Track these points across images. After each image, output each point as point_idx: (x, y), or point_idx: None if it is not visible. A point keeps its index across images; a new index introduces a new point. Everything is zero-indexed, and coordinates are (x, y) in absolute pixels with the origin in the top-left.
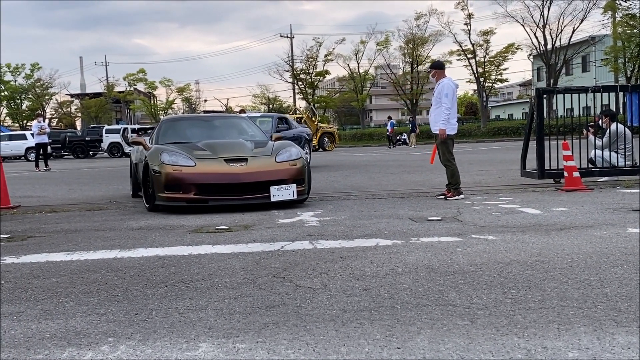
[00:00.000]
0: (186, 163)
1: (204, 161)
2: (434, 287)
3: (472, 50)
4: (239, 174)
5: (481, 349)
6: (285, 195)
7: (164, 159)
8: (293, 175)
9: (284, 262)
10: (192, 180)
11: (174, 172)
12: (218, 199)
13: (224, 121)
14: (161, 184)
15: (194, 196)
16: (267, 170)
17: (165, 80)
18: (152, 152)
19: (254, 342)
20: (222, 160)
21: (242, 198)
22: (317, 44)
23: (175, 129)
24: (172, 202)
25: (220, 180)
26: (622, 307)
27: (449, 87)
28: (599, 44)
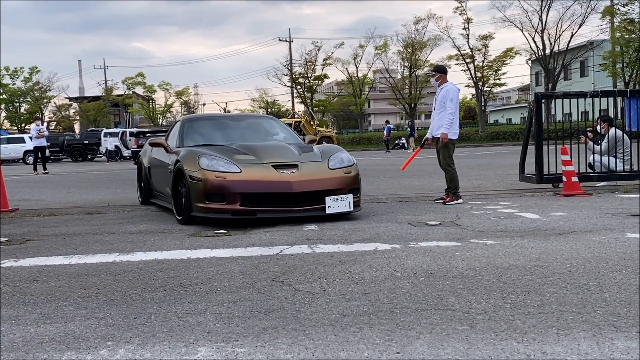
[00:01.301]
0: (230, 169)
1: (250, 167)
2: (433, 292)
3: (471, 55)
4: (290, 182)
5: (480, 354)
6: (341, 207)
7: (204, 164)
8: (349, 183)
9: (282, 266)
10: (237, 189)
11: (217, 179)
12: (267, 211)
13: (252, 121)
14: (201, 192)
15: (240, 207)
16: (321, 178)
17: (164, 84)
18: (187, 156)
19: (253, 347)
20: (269, 166)
21: (294, 210)
22: (315, 48)
23: (199, 130)
24: (214, 214)
25: (270, 189)
26: (621, 312)
27: (453, 91)
28: (598, 48)
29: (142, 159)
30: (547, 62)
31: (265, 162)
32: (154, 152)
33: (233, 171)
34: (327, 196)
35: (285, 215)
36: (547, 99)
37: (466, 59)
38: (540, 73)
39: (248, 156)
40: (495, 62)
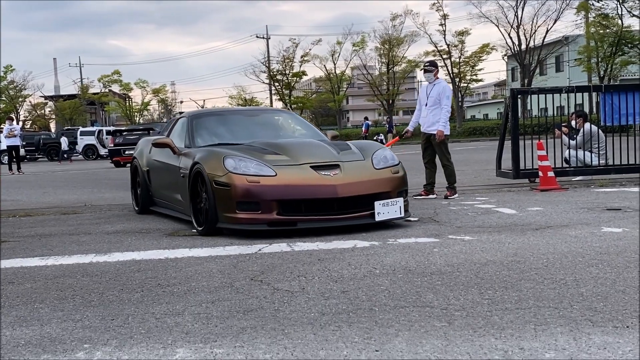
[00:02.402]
0: (263, 172)
1: (285, 169)
2: (412, 289)
3: (448, 51)
4: (335, 185)
5: (459, 351)
6: (391, 213)
7: (231, 166)
8: (397, 185)
9: (261, 265)
10: (274, 196)
11: (248, 184)
12: (309, 220)
13: (268, 116)
14: (230, 200)
15: (277, 217)
16: (368, 180)
17: (141, 82)
18: (207, 157)
19: (232, 347)
20: (307, 168)
21: (340, 218)
22: (293, 44)
23: (211, 127)
24: (247, 225)
25: (311, 194)
26: (597, 307)
27: (449, 89)
28: (572, 44)
29: (138, 161)
30: (523, 57)
31: (302, 162)
32: (155, 153)
33: (267, 174)
34: (376, 201)
35: (330, 225)
36: (523, 95)
37: (443, 55)
38: (516, 68)
39: (280, 156)
40: (471, 58)
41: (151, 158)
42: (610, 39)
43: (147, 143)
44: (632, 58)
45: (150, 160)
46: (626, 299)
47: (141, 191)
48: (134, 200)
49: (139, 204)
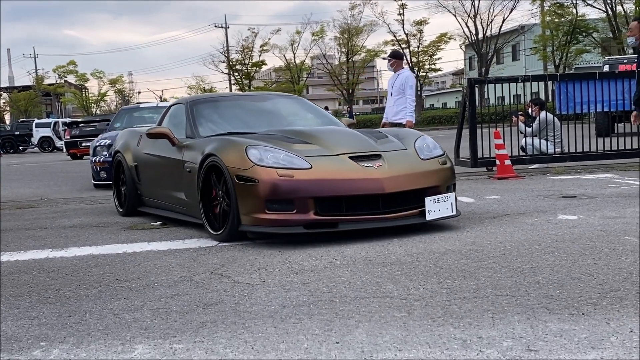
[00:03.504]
0: (296, 164)
1: (320, 160)
2: (372, 279)
3: (406, 40)
4: (380, 179)
5: (418, 341)
6: (442, 211)
7: (256, 158)
8: (447, 178)
9: (222, 258)
10: (311, 192)
11: (281, 179)
12: (352, 221)
13: (278, 101)
14: (258, 198)
15: (315, 217)
16: (416, 172)
17: (97, 72)
18: (225, 148)
19: (192, 342)
20: (346, 159)
21: (387, 218)
22: (252, 34)
23: (215, 114)
24: (278, 228)
25: (354, 190)
26: (554, 294)
27: (412, 79)
28: (529, 33)
29: (123, 156)
30: (480, 46)
31: (338, 152)
32: (147, 146)
33: (301, 167)
34: (427, 197)
35: (375, 226)
36: (480, 84)
37: (402, 44)
38: (474, 58)
39: (310, 145)
40: (430, 48)
41: (140, 152)
42: (565, 27)
43: (134, 134)
44: (587, 46)
45: (139, 154)
46: (582, 285)
47: (128, 190)
48: (116, 200)
49: (125, 205)
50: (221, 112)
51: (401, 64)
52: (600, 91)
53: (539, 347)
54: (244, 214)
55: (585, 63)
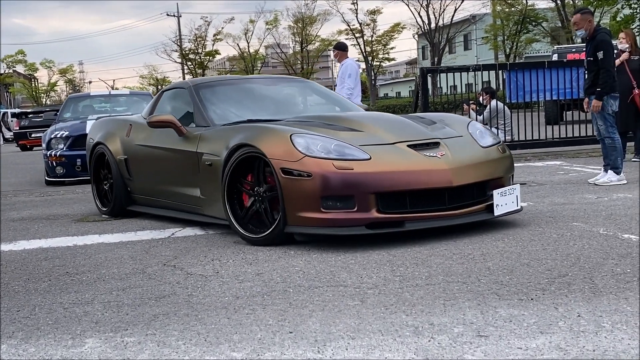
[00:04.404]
0: (354, 154)
1: (378, 150)
2: (326, 269)
3: (360, 30)
4: (447, 170)
5: (371, 329)
6: (509, 205)
7: (303, 147)
8: (509, 169)
9: (174, 250)
10: (372, 187)
11: (339, 171)
12: (419, 219)
13: (290, 85)
14: (312, 195)
15: (378, 215)
16: (480, 162)
17: (47, 62)
18: (265, 136)
19: (144, 335)
20: (404, 148)
21: (455, 214)
22: (205, 23)
23: (226, 99)
24: (336, 229)
25: (420, 183)
26: (503, 280)
27: (352, 67)
28: (480, 22)
29: (107, 148)
30: (433, 36)
31: (394, 140)
32: (140, 136)
33: (359, 157)
34: (493, 189)
35: (443, 224)
36: (432, 73)
37: (355, 33)
38: (427, 47)
39: (358, 133)
40: (383, 37)
41: (132, 143)
42: (516, 17)
43: (119, 124)
44: (536, 36)
45: (130, 147)
46: (530, 271)
47: (115, 187)
48: (97, 199)
49: (111, 204)
50: (232, 97)
51: (345, 55)
52: (549, 80)
53: (489, 333)
54: (292, 213)
55: (535, 52)
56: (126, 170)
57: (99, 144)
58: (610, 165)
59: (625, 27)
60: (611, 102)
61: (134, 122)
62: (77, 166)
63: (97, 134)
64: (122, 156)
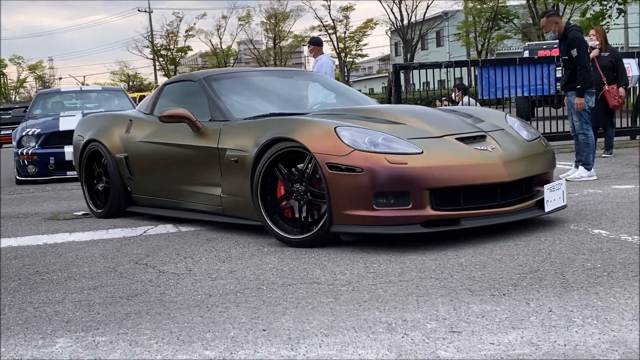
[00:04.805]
0: (405, 148)
1: (427, 143)
2: (299, 266)
3: (333, 26)
4: (500, 164)
5: (344, 325)
6: (557, 201)
7: (349, 140)
8: (553, 163)
9: (146, 248)
10: (426, 182)
11: (393, 166)
12: (474, 216)
13: (307, 77)
14: (364, 192)
15: (433, 212)
16: (528, 156)
17: (16, 58)
18: (305, 128)
19: (115, 334)
20: (453, 140)
21: (508, 211)
22: (177, 19)
23: (242, 92)
24: (389, 228)
25: (475, 178)
26: (476, 276)
27: (327, 65)
28: (452, 19)
29: (103, 145)
30: (405, 32)
31: (442, 133)
32: (143, 132)
33: (411, 151)
34: (541, 185)
35: (496, 221)
36: (405, 70)
37: (328, 30)
38: (399, 43)
39: (401, 126)
40: (356, 34)
41: (133, 140)
42: (487, 14)
43: (115, 119)
44: (508, 32)
45: (131, 144)
46: (503, 267)
47: (112, 187)
48: (90, 201)
49: (107, 205)
50: (248, 90)
51: (320, 50)
52: (521, 76)
53: (461, 328)
54: (339, 211)
55: (507, 49)
56: (126, 169)
57: (91, 141)
58: (582, 162)
59: (595, 24)
60: (588, 98)
61: (135, 117)
62: (50, 165)
63: (88, 130)
64: (121, 154)
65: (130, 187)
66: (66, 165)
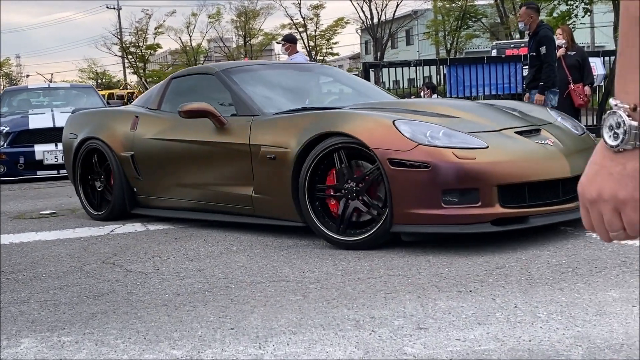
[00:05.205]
0: (470, 142)
1: (490, 137)
2: (269, 264)
3: (304, 24)
4: (563, 159)
5: (312, 323)
6: None
7: (410, 134)
8: None
9: (114, 247)
10: (494, 179)
11: (462, 161)
12: (543, 213)
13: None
14: (431, 189)
15: (503, 210)
16: (583, 150)
17: None
18: (359, 121)
19: (81, 334)
20: (513, 134)
21: (572, 208)
22: (146, 16)
23: (265, 85)
24: (458, 227)
25: (541, 174)
26: (443, 272)
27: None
28: (421, 18)
29: (104, 143)
30: (375, 31)
31: (501, 127)
32: (153, 129)
33: (478, 146)
34: None
35: (563, 219)
36: (375, 68)
37: (299, 28)
38: (370, 42)
39: (455, 119)
40: (327, 32)
41: (141, 137)
42: (456, 13)
43: (119, 115)
44: (476, 31)
45: (138, 141)
46: (469, 263)
47: (115, 188)
48: (86, 202)
49: (109, 207)
50: (269, 83)
51: (295, 48)
52: (488, 75)
53: (428, 325)
54: (401, 210)
55: (475, 47)
56: (133, 168)
57: (89, 139)
58: None
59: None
60: (551, 97)
61: (141, 113)
62: (19, 164)
63: (83, 128)
64: (127, 153)
65: (137, 188)
66: (36, 165)
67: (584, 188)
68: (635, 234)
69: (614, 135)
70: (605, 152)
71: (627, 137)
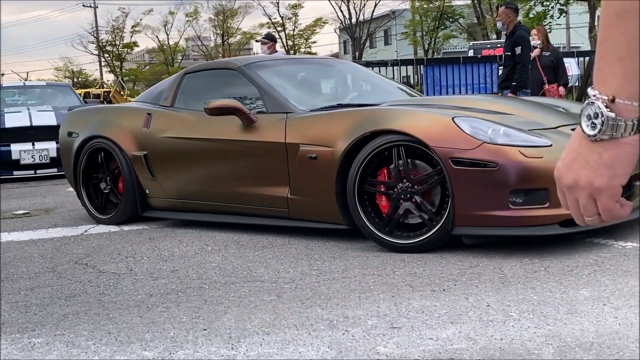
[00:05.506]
0: (534, 140)
1: (551, 135)
2: (243, 264)
3: (282, 24)
4: None
5: (286, 323)
6: None
7: (472, 132)
8: None
9: (87, 247)
10: None
11: (530, 160)
12: None
13: (343, 66)
14: (498, 189)
15: None
16: None
17: None
18: (417, 119)
19: (52, 336)
20: (569, 132)
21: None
22: (123, 14)
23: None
24: (527, 229)
25: None
26: (417, 271)
27: None
28: (399, 18)
29: (113, 142)
30: (354, 31)
31: (556, 124)
32: (170, 126)
33: (542, 144)
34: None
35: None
36: None
37: (277, 27)
38: (348, 42)
39: (511, 116)
40: (305, 31)
41: (157, 135)
42: (434, 13)
43: (128, 112)
44: (454, 32)
45: (153, 140)
46: (443, 262)
47: (125, 190)
48: (90, 205)
49: (118, 210)
50: (294, 79)
51: (275, 47)
52: (465, 75)
53: (401, 324)
54: (463, 211)
55: (452, 48)
56: (147, 169)
57: (94, 137)
58: None
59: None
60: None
61: (154, 110)
62: None
63: (84, 126)
64: (139, 152)
65: (149, 190)
66: (13, 165)
67: (561, 174)
68: (609, 220)
69: (592, 125)
70: (583, 141)
71: (604, 128)
